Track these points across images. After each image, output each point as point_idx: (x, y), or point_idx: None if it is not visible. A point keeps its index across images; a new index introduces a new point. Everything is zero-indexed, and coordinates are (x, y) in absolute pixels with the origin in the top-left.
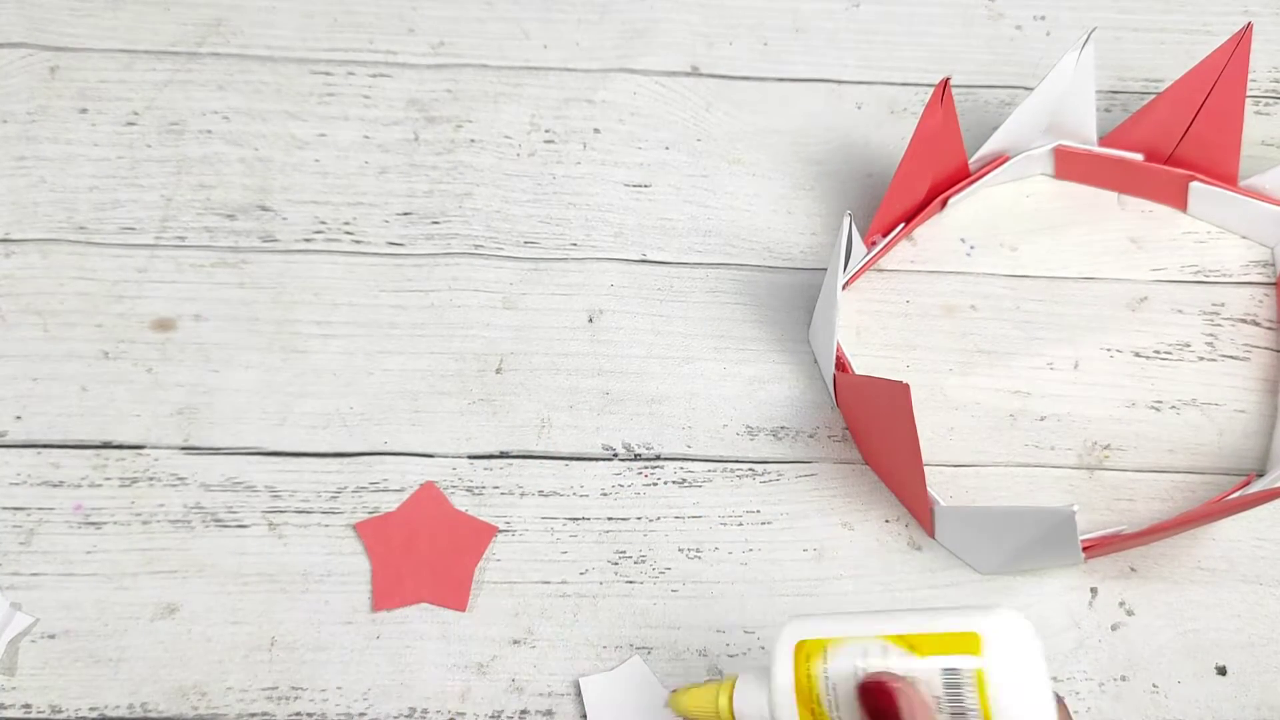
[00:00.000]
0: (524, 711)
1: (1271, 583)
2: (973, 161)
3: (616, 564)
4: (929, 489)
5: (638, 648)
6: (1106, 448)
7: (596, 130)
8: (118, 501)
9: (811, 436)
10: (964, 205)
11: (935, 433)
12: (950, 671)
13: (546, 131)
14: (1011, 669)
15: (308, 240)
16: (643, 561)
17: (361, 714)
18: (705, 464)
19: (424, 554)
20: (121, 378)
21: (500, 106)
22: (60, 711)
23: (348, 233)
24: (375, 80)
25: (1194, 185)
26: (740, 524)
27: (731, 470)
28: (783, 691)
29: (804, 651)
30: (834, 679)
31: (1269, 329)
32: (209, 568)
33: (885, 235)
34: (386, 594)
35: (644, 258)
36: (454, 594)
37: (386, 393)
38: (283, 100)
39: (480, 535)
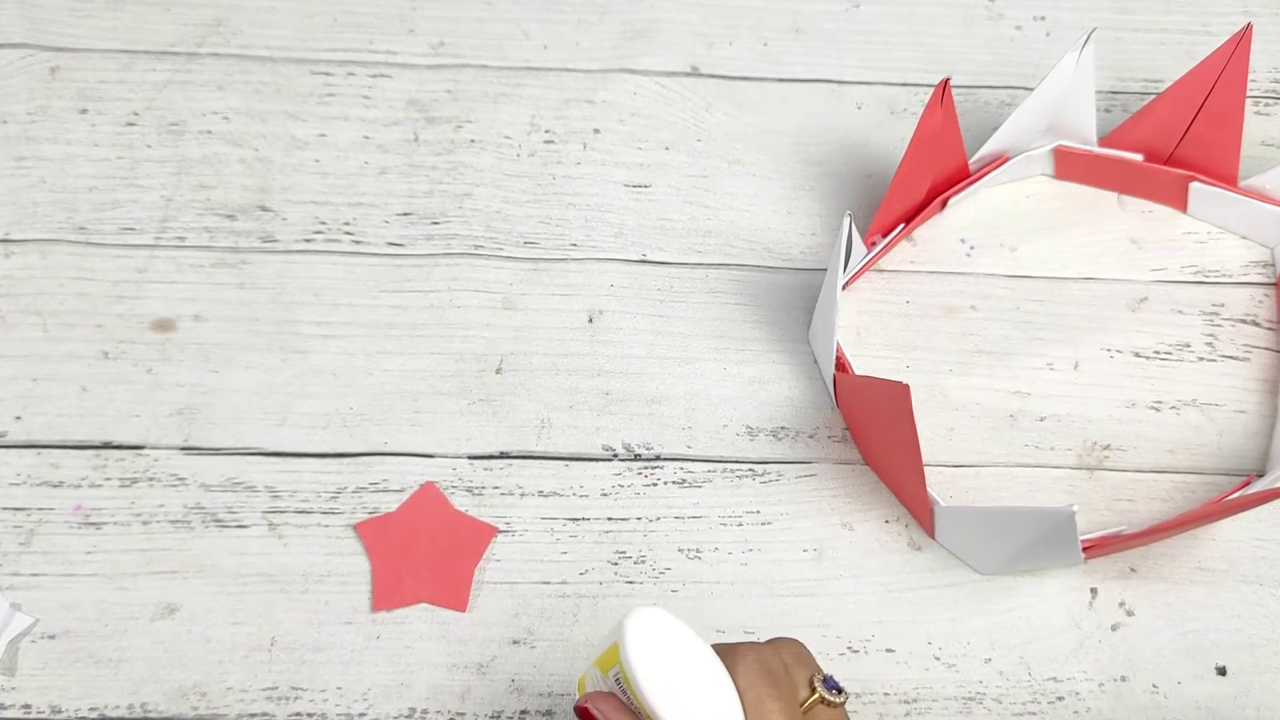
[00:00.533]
0: (524, 712)
1: (1272, 583)
2: (973, 162)
3: (616, 564)
4: (929, 489)
5: None
6: (1106, 448)
7: (596, 131)
8: (118, 502)
9: (811, 437)
10: (964, 206)
11: (935, 433)
12: (615, 680)
13: (546, 132)
14: (639, 663)
15: (308, 241)
16: (642, 562)
17: (361, 714)
18: (705, 464)
19: (424, 554)
20: (121, 378)
21: (500, 107)
22: (60, 712)
23: (347, 233)
24: (375, 80)
25: (1194, 185)
26: (740, 524)
27: (731, 471)
28: None
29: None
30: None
31: (1269, 329)
32: (209, 568)
33: (885, 236)
34: (386, 594)
35: (644, 258)
36: (454, 594)
37: (386, 393)
38: (283, 101)
39: (480, 536)
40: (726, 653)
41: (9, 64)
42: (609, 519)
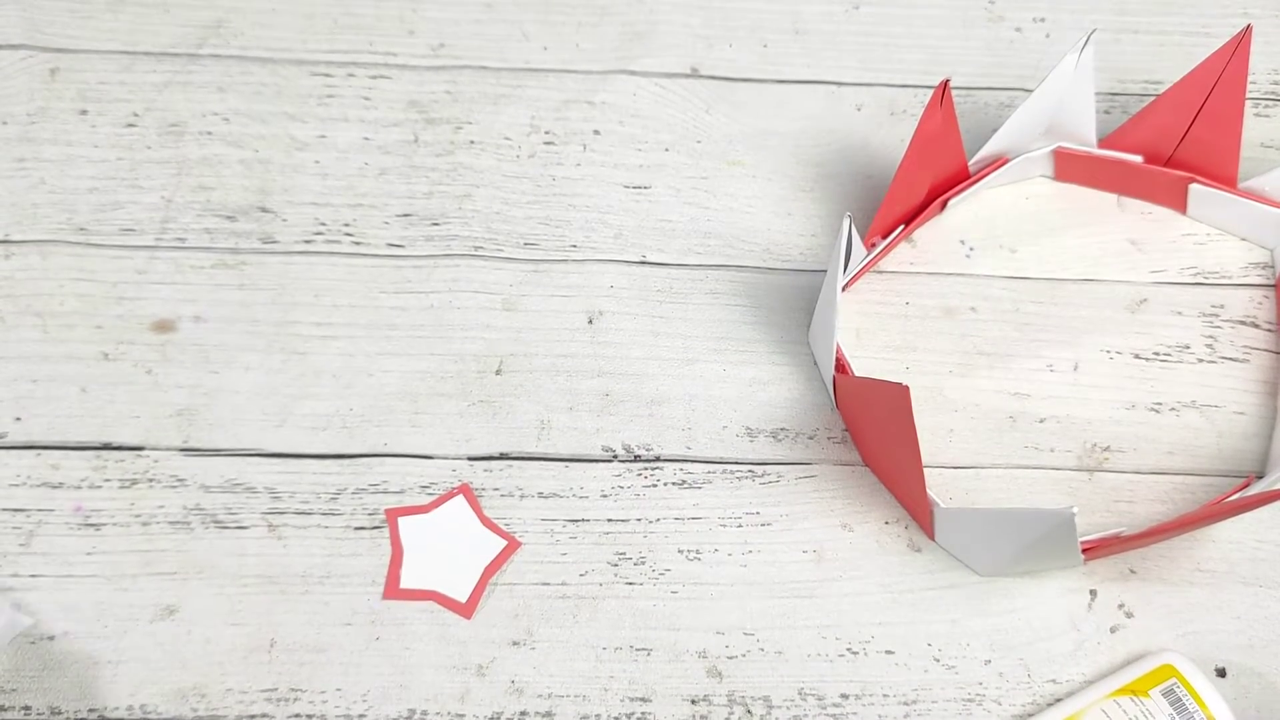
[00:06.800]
0: (523, 713)
1: (1271, 584)
2: (972, 163)
3: (616, 565)
4: (929, 491)
5: (637, 649)
6: (1106, 449)
7: (596, 132)
8: (117, 503)
9: (811, 438)
10: (964, 207)
11: (935, 434)
12: None
13: (546, 133)
14: None
15: (308, 242)
16: (642, 563)
17: (361, 715)
18: (705, 465)
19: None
20: (121, 379)
21: (500, 108)
22: (59, 713)
23: (347, 234)
24: (375, 82)
25: (1193, 187)
26: (740, 525)
27: (731, 472)
28: None
29: None
30: None
31: (1268, 331)
32: (208, 569)
33: (885, 237)
34: (399, 585)
35: (644, 259)
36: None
37: (386, 394)
38: (283, 102)
39: (501, 547)
40: None
41: (9, 65)
42: (609, 520)
